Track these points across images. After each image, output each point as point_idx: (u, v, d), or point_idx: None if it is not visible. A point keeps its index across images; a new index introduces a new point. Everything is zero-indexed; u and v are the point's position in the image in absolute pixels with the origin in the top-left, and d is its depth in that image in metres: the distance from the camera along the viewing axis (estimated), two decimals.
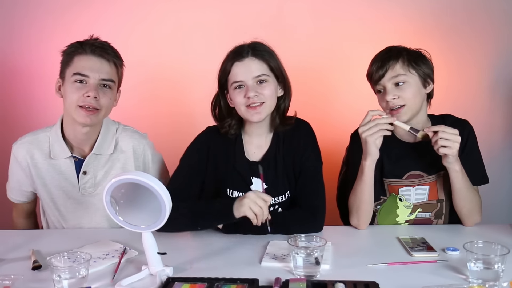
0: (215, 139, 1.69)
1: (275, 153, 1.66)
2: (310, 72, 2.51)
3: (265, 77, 1.57)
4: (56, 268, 1.17)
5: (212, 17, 2.50)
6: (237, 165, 1.66)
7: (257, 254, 1.41)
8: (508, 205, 2.56)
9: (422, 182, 1.70)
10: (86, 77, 1.56)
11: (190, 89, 2.50)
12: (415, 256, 1.36)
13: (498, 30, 2.45)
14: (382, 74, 1.62)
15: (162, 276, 1.23)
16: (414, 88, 1.62)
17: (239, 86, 1.58)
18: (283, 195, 1.65)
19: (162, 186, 1.20)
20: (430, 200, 1.70)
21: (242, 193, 1.61)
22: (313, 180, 1.64)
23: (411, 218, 1.71)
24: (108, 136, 1.70)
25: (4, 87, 2.59)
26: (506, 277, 1.18)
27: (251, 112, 1.58)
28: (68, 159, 1.68)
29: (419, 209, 1.70)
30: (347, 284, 1.14)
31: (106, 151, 1.69)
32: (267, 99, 1.58)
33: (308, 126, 1.72)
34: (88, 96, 1.55)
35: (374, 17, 2.47)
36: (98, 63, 1.57)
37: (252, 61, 1.57)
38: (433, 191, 1.70)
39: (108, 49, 1.61)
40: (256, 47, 1.59)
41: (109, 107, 1.64)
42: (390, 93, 1.61)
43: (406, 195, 1.70)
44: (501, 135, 2.53)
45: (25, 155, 1.69)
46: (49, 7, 2.51)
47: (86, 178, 1.69)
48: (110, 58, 1.60)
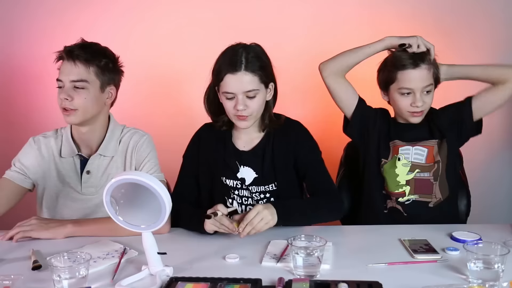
0: (207, 132, 1.78)
1: (265, 145, 1.72)
2: (310, 73, 2.50)
3: (255, 92, 1.60)
4: (56, 268, 1.17)
5: (211, 18, 2.50)
6: (226, 154, 1.73)
7: (258, 254, 1.41)
8: (508, 205, 2.56)
9: (421, 144, 1.79)
10: (61, 82, 1.65)
11: (189, 89, 2.49)
12: (418, 258, 1.36)
13: (497, 30, 2.46)
14: (416, 83, 1.70)
15: (162, 276, 1.23)
16: (433, 94, 1.75)
17: (230, 97, 1.61)
18: (272, 184, 1.71)
19: (162, 186, 1.20)
20: (428, 163, 1.78)
21: (233, 181, 1.72)
22: (321, 169, 1.72)
23: (410, 177, 1.78)
24: (113, 138, 1.76)
25: (4, 87, 2.59)
26: (506, 277, 1.18)
27: (239, 120, 1.64)
28: (74, 158, 1.74)
29: (418, 169, 1.77)
30: (350, 284, 1.14)
31: (111, 153, 1.74)
32: (254, 111, 1.63)
33: (299, 124, 1.77)
34: (63, 98, 1.63)
35: (373, 18, 2.47)
36: (69, 66, 1.64)
37: (245, 75, 1.57)
38: (430, 154, 1.78)
39: (76, 50, 1.63)
40: (250, 60, 1.58)
41: (88, 105, 1.65)
42: (419, 100, 1.71)
43: (405, 154, 1.79)
44: (501, 135, 2.53)
45: (49, 148, 1.75)
46: (49, 7, 2.51)
47: (88, 177, 1.72)
48: (78, 59, 1.62)
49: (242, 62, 1.57)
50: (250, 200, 1.72)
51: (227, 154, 1.73)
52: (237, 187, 1.73)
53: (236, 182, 1.72)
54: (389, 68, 1.75)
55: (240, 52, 1.59)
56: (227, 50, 1.63)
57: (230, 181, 1.73)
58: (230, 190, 1.73)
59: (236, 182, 1.72)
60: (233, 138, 1.76)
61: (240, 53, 1.58)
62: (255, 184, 1.71)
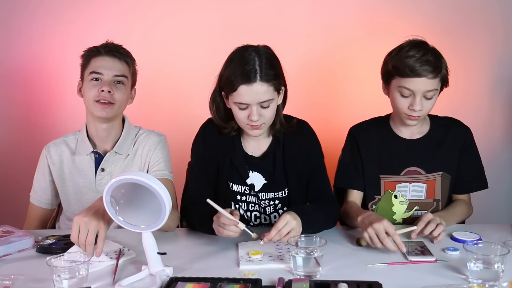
0: (213, 128, 1.71)
1: (275, 150, 1.68)
2: (311, 73, 2.51)
3: (269, 101, 1.53)
4: (56, 268, 1.17)
5: (211, 18, 2.50)
6: (235, 159, 1.68)
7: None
8: (508, 205, 2.56)
9: (419, 180, 1.72)
10: (100, 75, 1.70)
11: (190, 91, 2.49)
12: (412, 260, 1.36)
13: (496, 30, 2.46)
14: (417, 85, 1.57)
15: (162, 276, 1.23)
16: (435, 99, 1.63)
17: (243, 107, 1.53)
18: (283, 191, 1.68)
19: (162, 186, 1.20)
20: (427, 199, 1.72)
21: (241, 187, 1.68)
22: (324, 175, 1.71)
23: (408, 215, 1.73)
24: (128, 137, 1.80)
25: (4, 87, 2.59)
26: (506, 277, 1.18)
27: (252, 129, 1.58)
28: (89, 156, 1.78)
29: (417, 206, 1.72)
30: (350, 284, 1.14)
31: (126, 152, 1.78)
32: (268, 119, 1.57)
33: (308, 126, 1.73)
34: (103, 90, 1.68)
35: (374, 18, 2.47)
36: (111, 62, 1.72)
37: (260, 86, 1.49)
38: (430, 190, 1.72)
39: (120, 49, 1.77)
40: (264, 69, 1.49)
41: (123, 101, 1.75)
42: (418, 104, 1.59)
43: (402, 191, 1.72)
44: (501, 135, 2.53)
45: (56, 152, 1.81)
46: (49, 7, 2.51)
47: (103, 174, 1.76)
48: (122, 56, 1.74)
49: (257, 72, 1.48)
50: (257, 206, 1.70)
51: (236, 159, 1.68)
52: (244, 193, 1.69)
53: (244, 188, 1.68)
54: (394, 63, 1.62)
55: (253, 60, 1.50)
56: (237, 56, 1.54)
57: (238, 186, 1.69)
58: (237, 196, 1.69)
59: (244, 188, 1.68)
60: (242, 142, 1.70)
61: (253, 62, 1.49)
62: (265, 190, 1.68)
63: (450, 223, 1.62)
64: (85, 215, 1.32)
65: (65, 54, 2.45)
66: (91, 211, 1.34)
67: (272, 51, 1.58)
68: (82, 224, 1.30)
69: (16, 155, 2.56)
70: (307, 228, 1.43)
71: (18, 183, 2.28)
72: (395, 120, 1.76)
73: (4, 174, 2.59)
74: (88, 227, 1.30)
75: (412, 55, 1.57)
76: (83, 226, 1.30)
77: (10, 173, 2.57)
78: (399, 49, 1.63)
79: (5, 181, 2.59)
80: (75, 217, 1.32)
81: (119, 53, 1.74)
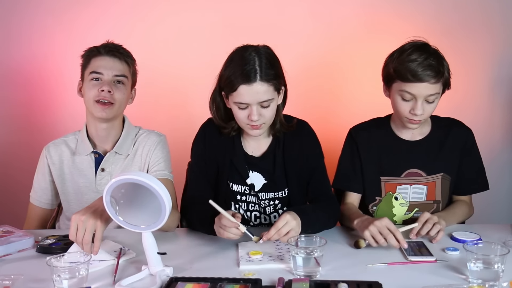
0: (213, 128, 1.71)
1: (275, 150, 1.69)
2: (311, 73, 2.51)
3: (269, 101, 1.53)
4: (56, 268, 1.17)
5: (212, 18, 2.50)
6: (235, 159, 1.68)
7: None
8: (508, 205, 2.56)
9: (420, 181, 1.71)
10: (100, 75, 1.70)
11: (190, 91, 2.50)
12: (411, 260, 1.36)
13: (496, 30, 2.46)
14: (419, 90, 1.55)
15: (162, 276, 1.23)
16: (437, 103, 1.61)
17: (243, 107, 1.54)
18: (283, 191, 1.68)
19: (162, 186, 1.20)
20: (428, 201, 1.72)
21: (241, 187, 1.68)
22: (325, 175, 1.71)
23: (408, 217, 1.73)
24: (128, 137, 1.80)
25: (4, 87, 2.59)
26: (506, 277, 1.18)
27: (252, 129, 1.58)
28: (89, 156, 1.78)
29: (417, 208, 1.72)
30: (350, 284, 1.14)
31: (126, 152, 1.78)
32: (268, 119, 1.57)
33: (308, 126, 1.73)
34: (103, 90, 1.68)
35: (374, 18, 2.47)
36: (111, 62, 1.72)
37: (260, 86, 1.49)
38: (431, 192, 1.72)
39: (120, 49, 1.77)
40: (264, 68, 1.49)
41: (123, 101, 1.75)
42: (419, 108, 1.57)
43: (403, 193, 1.72)
44: (501, 135, 2.53)
45: (56, 152, 1.81)
46: (49, 7, 2.51)
47: (103, 174, 1.76)
48: (122, 56, 1.74)
49: (257, 71, 1.48)
50: (257, 206, 1.70)
51: (236, 159, 1.68)
52: (244, 193, 1.69)
53: (244, 187, 1.69)
54: (395, 66, 1.59)
55: (253, 59, 1.50)
56: (237, 56, 1.54)
57: (238, 186, 1.69)
58: (237, 196, 1.70)
59: (244, 187, 1.69)
60: (242, 142, 1.71)
61: (253, 61, 1.49)
62: (265, 190, 1.69)
63: (450, 223, 1.62)
64: (83, 214, 1.32)
65: (65, 54, 2.45)
66: (89, 210, 1.34)
67: (272, 51, 1.58)
68: (79, 222, 1.30)
69: (16, 155, 2.56)
70: (307, 228, 1.43)
71: (18, 183, 2.28)
72: (395, 121, 1.76)
73: (4, 174, 2.59)
74: (85, 226, 1.30)
75: (414, 59, 1.54)
76: (81, 224, 1.30)
77: (10, 173, 2.57)
78: (400, 52, 1.60)
79: (5, 181, 2.59)
80: (73, 216, 1.32)
81: (119, 53, 1.74)
